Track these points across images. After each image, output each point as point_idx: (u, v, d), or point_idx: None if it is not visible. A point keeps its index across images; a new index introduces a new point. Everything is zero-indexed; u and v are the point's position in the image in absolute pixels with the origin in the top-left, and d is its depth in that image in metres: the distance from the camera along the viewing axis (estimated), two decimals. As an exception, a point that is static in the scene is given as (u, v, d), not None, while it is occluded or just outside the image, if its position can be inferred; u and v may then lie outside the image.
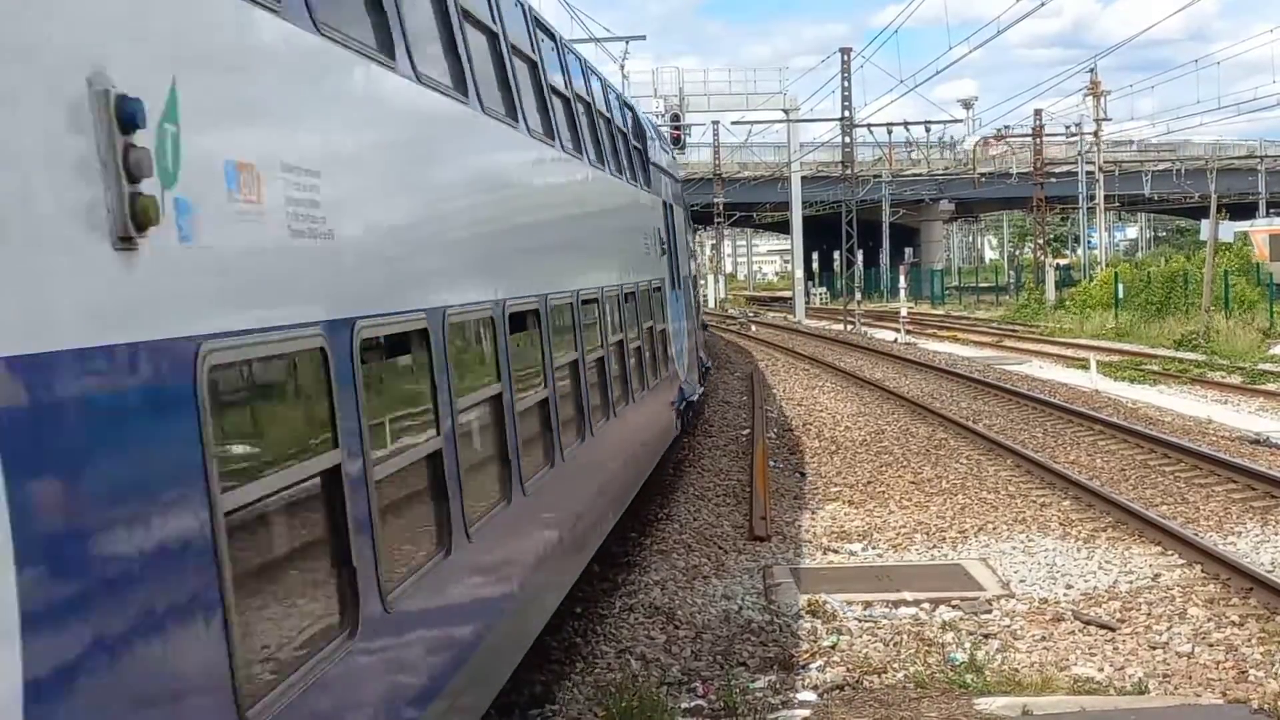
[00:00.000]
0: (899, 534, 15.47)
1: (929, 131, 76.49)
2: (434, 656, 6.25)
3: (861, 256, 65.25)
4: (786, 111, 66.21)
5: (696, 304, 30.14)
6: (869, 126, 65.51)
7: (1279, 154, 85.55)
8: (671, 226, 21.04)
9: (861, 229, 65.33)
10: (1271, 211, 75.58)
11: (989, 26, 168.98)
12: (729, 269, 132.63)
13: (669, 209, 21.04)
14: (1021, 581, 13.08)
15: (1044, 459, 19.46)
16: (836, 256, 74.78)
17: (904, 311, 52.61)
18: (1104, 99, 67.41)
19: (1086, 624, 11.51)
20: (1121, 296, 50.42)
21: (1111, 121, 74.05)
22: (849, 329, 57.63)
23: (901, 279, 56.63)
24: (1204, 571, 12.97)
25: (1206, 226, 48.73)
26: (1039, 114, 69.83)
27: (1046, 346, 43.88)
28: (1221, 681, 9.99)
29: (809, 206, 76.51)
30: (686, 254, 25.92)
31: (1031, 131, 69.98)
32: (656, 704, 9.45)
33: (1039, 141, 69.83)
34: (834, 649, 11.05)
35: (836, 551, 14.79)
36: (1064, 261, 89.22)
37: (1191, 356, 36.35)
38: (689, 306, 24.28)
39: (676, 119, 48.37)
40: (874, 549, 14.88)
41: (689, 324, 23.41)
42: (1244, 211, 75.63)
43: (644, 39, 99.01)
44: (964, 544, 14.87)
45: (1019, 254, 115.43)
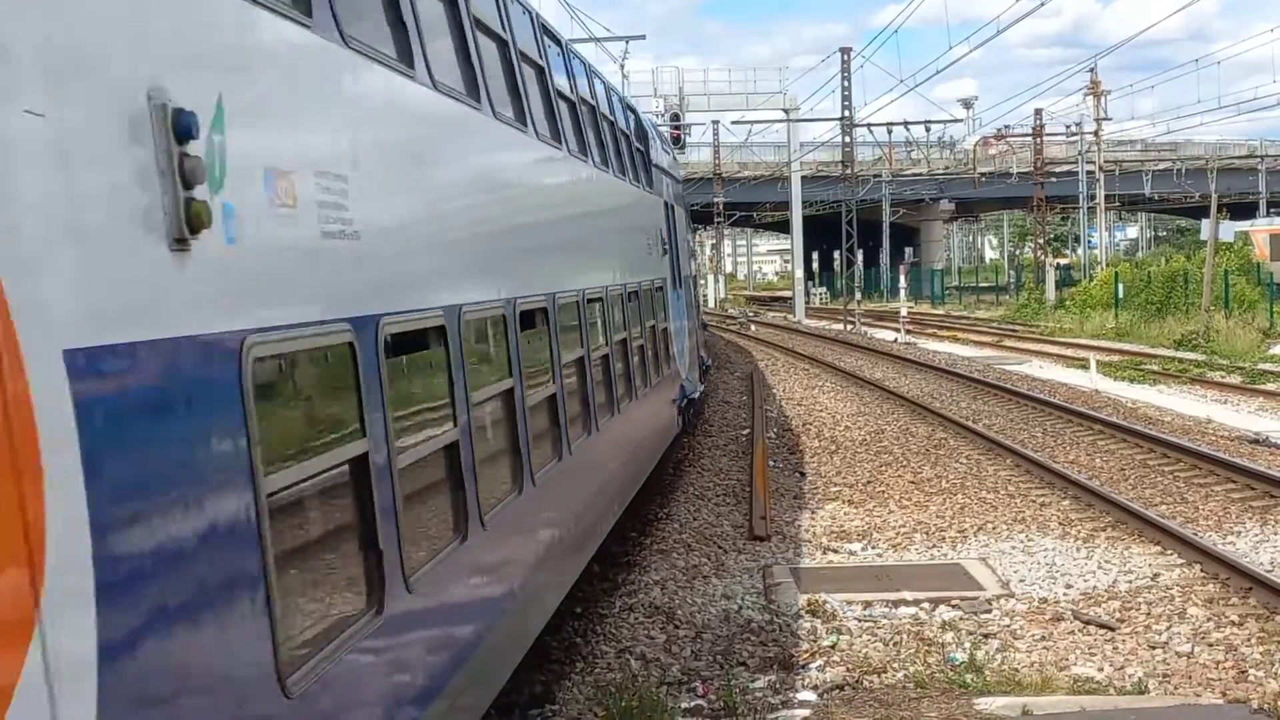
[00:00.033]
0: (899, 534, 15.48)
1: (929, 131, 76.47)
2: (452, 635, 6.58)
3: (861, 256, 65.29)
4: (786, 111, 66.22)
5: (696, 303, 30.25)
6: (869, 126, 65.55)
7: (1279, 154, 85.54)
8: (673, 226, 21.17)
9: (861, 229, 65.33)
10: (1272, 211, 75.51)
11: (989, 26, 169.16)
12: (729, 269, 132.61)
13: (670, 209, 21.14)
14: (1021, 581, 13.08)
15: (1044, 459, 19.46)
16: (836, 256, 74.80)
17: (904, 311, 52.60)
18: (1104, 99, 67.43)
19: (1086, 624, 11.52)
20: (1121, 296, 50.40)
21: (1111, 121, 74.16)
22: (849, 329, 57.62)
23: (901, 279, 56.66)
24: (1203, 571, 12.98)
25: (1207, 226, 48.73)
26: (1039, 114, 69.89)
27: (1046, 346, 43.88)
28: (1221, 681, 9.99)
29: (809, 206, 76.49)
30: (687, 254, 26.12)
31: (1031, 131, 69.99)
32: (656, 704, 9.45)
33: (1039, 141, 69.84)
34: (834, 649, 11.06)
35: (836, 551, 14.80)
36: (1064, 261, 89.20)
37: (1191, 356, 36.35)
38: (690, 306, 24.47)
39: (676, 119, 48.38)
40: (874, 549, 14.88)
41: (690, 323, 23.60)
42: (1244, 211, 75.60)
43: (644, 39, 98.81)
44: (964, 544, 14.88)
45: (1019, 254, 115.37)
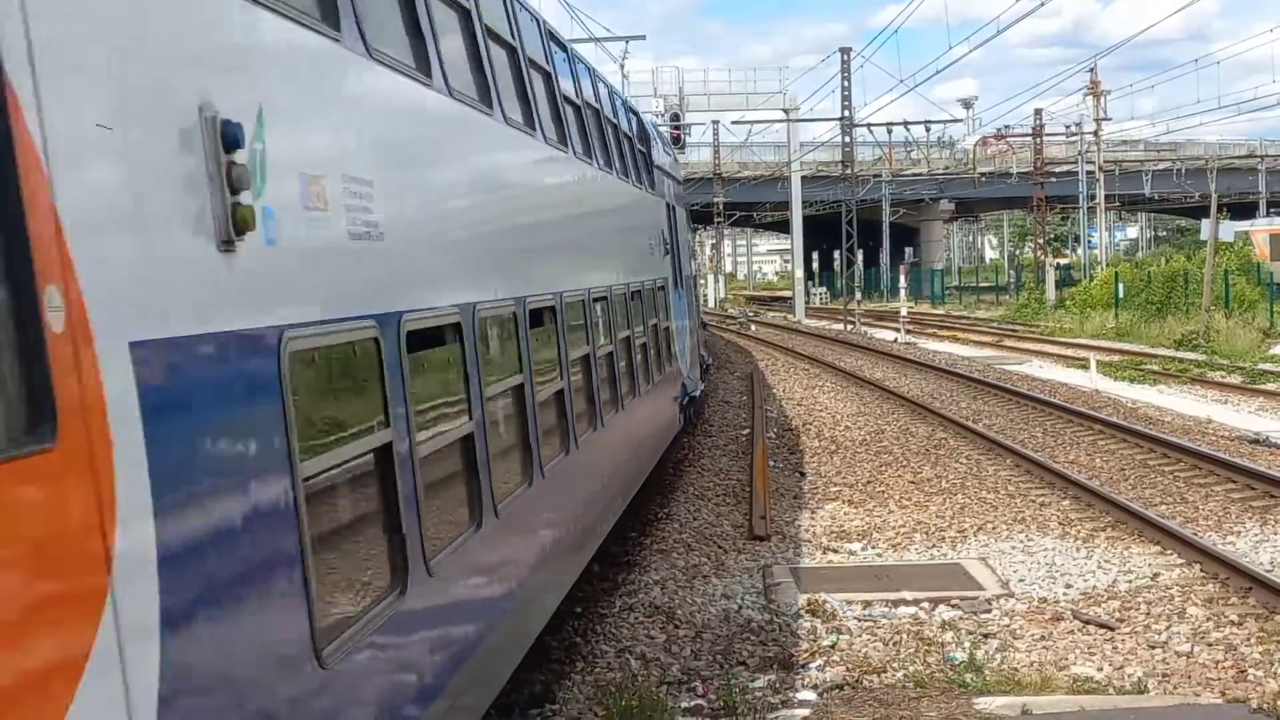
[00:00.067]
0: (898, 533, 15.48)
1: (929, 131, 76.53)
2: (470, 616, 6.94)
3: (861, 256, 65.25)
4: (786, 111, 66.21)
5: (696, 303, 30.37)
6: (869, 126, 65.55)
7: (1279, 154, 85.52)
8: (674, 227, 21.30)
9: (861, 229, 65.31)
10: (1272, 211, 75.50)
11: (989, 26, 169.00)
12: (729, 268, 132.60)
13: (671, 210, 21.27)
14: (1021, 581, 13.09)
15: (1043, 459, 19.47)
16: (836, 256, 74.78)
17: (904, 311, 52.59)
18: (1104, 99, 67.43)
19: (1086, 623, 11.52)
20: (1122, 296, 50.39)
21: (1111, 121, 74.15)
22: (849, 329, 57.62)
23: (901, 279, 56.63)
24: (1203, 571, 12.98)
25: (1207, 226, 48.71)
26: (1039, 114, 69.86)
27: (1046, 346, 43.87)
28: (1220, 681, 9.99)
29: (809, 206, 76.47)
30: (688, 254, 26.26)
31: (1031, 131, 69.98)
32: (656, 703, 9.45)
33: (1039, 141, 69.83)
34: (834, 648, 11.06)
35: (836, 551, 14.80)
36: (1064, 261, 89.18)
37: (1191, 356, 36.34)
38: (691, 305, 24.66)
39: (676, 119, 48.41)
40: (874, 548, 14.89)
41: (691, 322, 23.80)
42: (1244, 211, 75.59)
43: (644, 39, 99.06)
44: (963, 543, 14.88)
45: (1019, 254, 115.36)
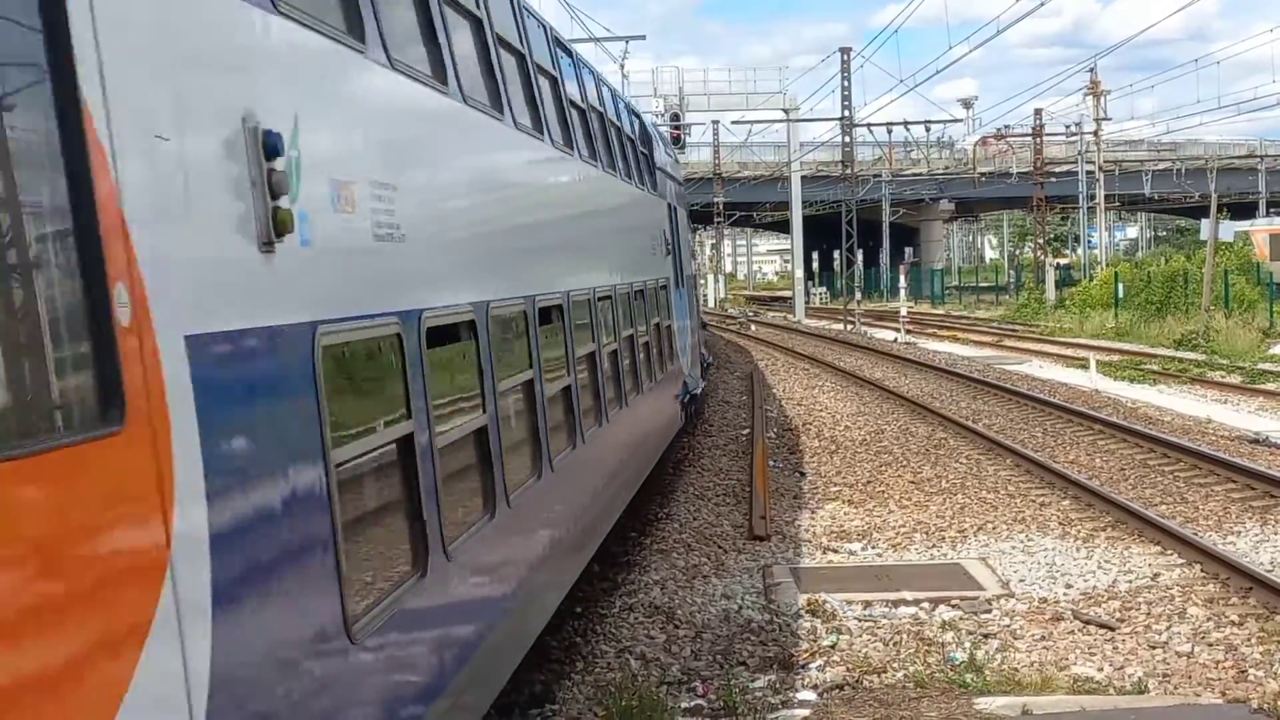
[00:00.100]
0: (898, 533, 15.47)
1: (929, 131, 76.53)
2: (485, 600, 7.30)
3: (861, 256, 65.28)
4: (786, 111, 66.20)
5: (696, 303, 30.48)
6: (869, 126, 65.53)
7: (1279, 154, 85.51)
8: (675, 227, 21.51)
9: (861, 229, 65.31)
10: (1271, 211, 75.52)
11: (989, 26, 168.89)
12: (729, 268, 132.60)
13: (673, 210, 21.46)
14: (1021, 581, 13.08)
15: (1043, 459, 19.46)
16: (836, 256, 74.76)
17: (904, 311, 52.58)
18: (1104, 99, 67.42)
19: (1086, 623, 11.52)
20: (1121, 296, 50.38)
21: (1111, 121, 74.12)
22: (849, 328, 57.62)
23: (901, 278, 56.61)
24: (1203, 571, 12.98)
25: (1207, 226, 48.70)
26: (1039, 113, 69.84)
27: (1046, 346, 43.87)
28: (1221, 681, 9.99)
29: (809, 206, 76.46)
30: (689, 254, 26.41)
31: (1031, 131, 69.97)
32: (656, 703, 9.45)
33: (1039, 141, 69.81)
34: (834, 648, 11.06)
35: (836, 551, 14.79)
36: (1064, 261, 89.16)
37: (1191, 356, 36.33)
38: (692, 305, 24.91)
39: (676, 118, 48.41)
40: (874, 548, 14.88)
41: (691, 322, 24.04)
42: (1244, 211, 75.59)
43: (644, 39, 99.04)
44: (963, 543, 14.88)
45: (1019, 254, 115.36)
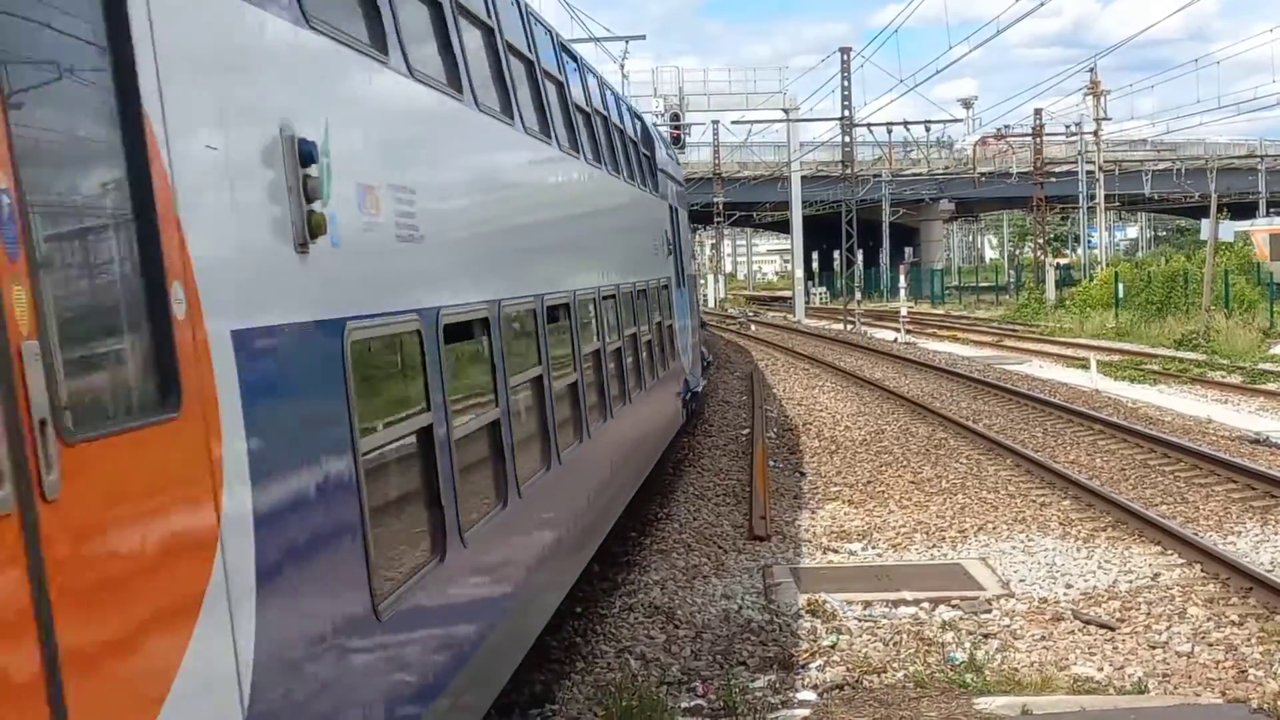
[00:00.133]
0: (899, 534, 15.47)
1: (929, 131, 76.56)
2: (500, 584, 7.61)
3: (861, 256, 65.27)
4: (786, 111, 66.19)
5: (696, 302, 30.63)
6: (869, 126, 65.52)
7: (1279, 154, 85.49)
8: (676, 227, 21.64)
9: (861, 229, 65.31)
10: (1271, 211, 75.51)
11: (989, 26, 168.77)
12: (729, 268, 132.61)
13: (674, 211, 21.64)
14: (1021, 581, 13.08)
15: (1044, 459, 19.46)
16: (836, 256, 74.75)
17: (904, 311, 52.58)
18: (1104, 98, 67.41)
19: (1086, 623, 11.51)
20: (1122, 296, 50.37)
21: (1111, 121, 74.09)
22: (849, 328, 57.62)
23: (901, 278, 56.58)
24: (1203, 571, 12.97)
25: (1207, 226, 48.70)
26: (1039, 113, 69.82)
27: (1046, 346, 43.86)
28: (1221, 681, 9.98)
29: (809, 206, 76.45)
30: (689, 254, 26.63)
31: (1031, 131, 69.95)
32: (656, 703, 9.44)
33: (1039, 141, 69.80)
34: (834, 648, 11.06)
35: (836, 551, 14.79)
36: (1064, 261, 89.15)
37: (1191, 356, 36.32)
38: (692, 304, 25.17)
39: (676, 118, 48.40)
40: (874, 548, 14.88)
41: (693, 321, 24.29)
42: (1244, 211, 75.58)
43: (644, 39, 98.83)
44: (964, 543, 14.87)
45: (1019, 253, 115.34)
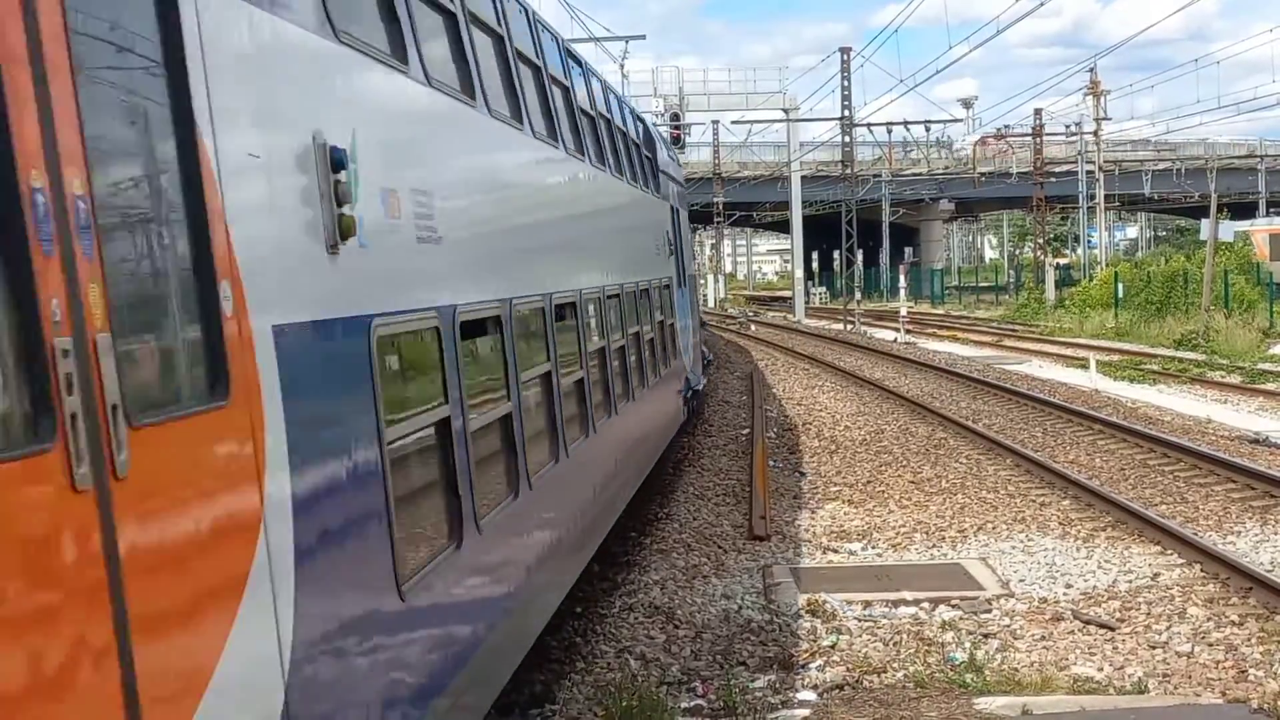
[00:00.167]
0: (898, 533, 15.47)
1: (929, 131, 76.56)
2: (511, 571, 7.88)
3: (861, 256, 65.26)
4: (786, 111, 66.20)
5: (697, 302, 30.76)
6: (869, 126, 65.55)
7: (1279, 154, 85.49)
8: (677, 228, 21.83)
9: (861, 228, 65.32)
10: (1271, 211, 75.51)
11: (989, 26, 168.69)
12: (729, 268, 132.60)
13: (675, 212, 21.83)
14: (1021, 581, 13.08)
15: (1043, 458, 19.46)
16: (836, 256, 74.76)
17: (904, 311, 52.59)
18: (1104, 98, 67.41)
19: (1086, 623, 11.51)
20: (1121, 296, 50.37)
21: (1111, 121, 74.05)
22: (849, 328, 57.63)
23: (901, 278, 56.61)
24: (1203, 571, 12.97)
25: (1206, 226, 48.70)
26: (1039, 113, 69.84)
27: (1046, 346, 43.86)
28: (1221, 681, 9.98)
29: (809, 206, 76.44)
30: (690, 254, 26.81)
31: (1031, 131, 69.95)
32: (656, 703, 9.44)
33: (1039, 141, 69.81)
34: (834, 648, 11.06)
35: (836, 551, 14.79)
36: (1064, 261, 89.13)
37: (1191, 356, 36.32)
38: (693, 304, 25.41)
39: (676, 118, 48.41)
40: (873, 548, 14.88)
41: (693, 320, 24.52)
42: (1244, 211, 75.59)
43: (644, 39, 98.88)
44: (963, 543, 14.87)
45: (1019, 253, 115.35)
